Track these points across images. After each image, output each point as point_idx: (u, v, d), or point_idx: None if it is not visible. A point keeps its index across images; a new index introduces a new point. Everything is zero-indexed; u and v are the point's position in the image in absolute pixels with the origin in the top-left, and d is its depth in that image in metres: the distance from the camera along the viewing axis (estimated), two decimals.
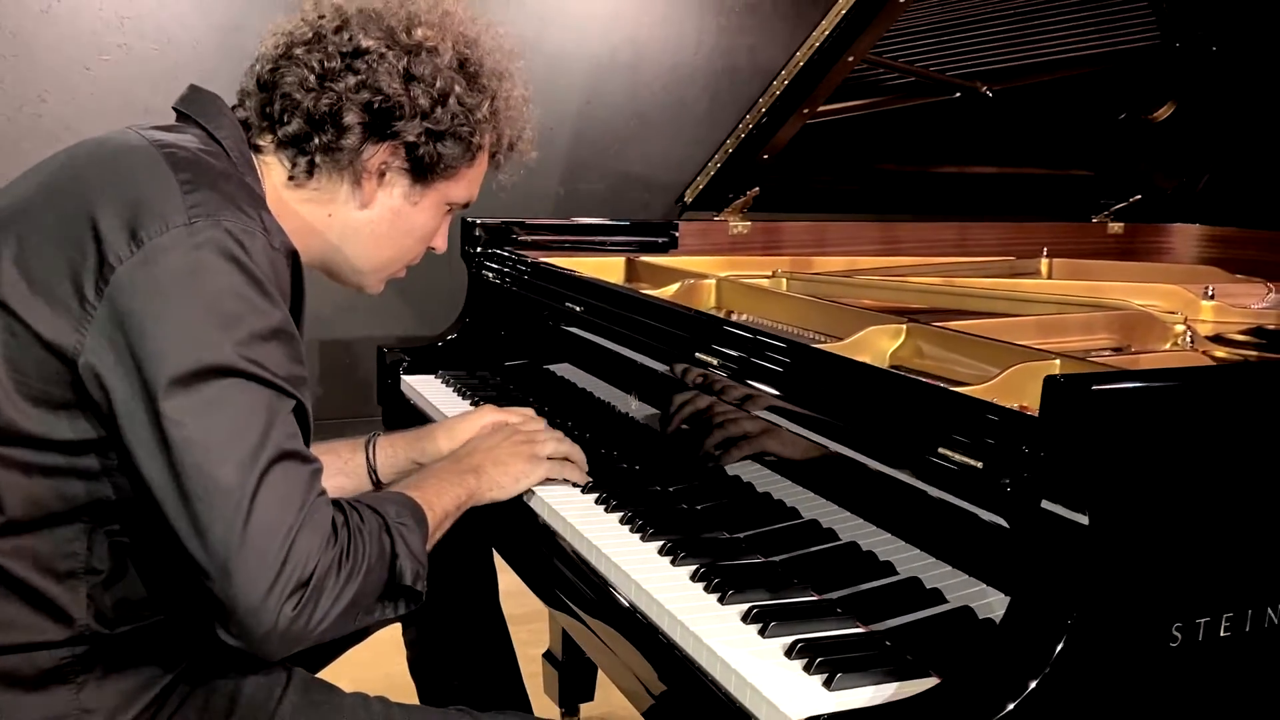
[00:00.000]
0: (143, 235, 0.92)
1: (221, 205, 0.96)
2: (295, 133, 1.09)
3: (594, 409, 1.58)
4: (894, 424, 0.99)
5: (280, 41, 1.11)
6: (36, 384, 0.93)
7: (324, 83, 1.08)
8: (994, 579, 0.89)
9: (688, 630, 0.97)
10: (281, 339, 0.95)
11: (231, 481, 0.88)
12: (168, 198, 0.95)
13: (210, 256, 0.93)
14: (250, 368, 0.91)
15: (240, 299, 0.93)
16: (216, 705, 1.01)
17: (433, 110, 1.11)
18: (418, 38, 1.11)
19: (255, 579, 0.87)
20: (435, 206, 1.19)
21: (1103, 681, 0.78)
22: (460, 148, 1.14)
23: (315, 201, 1.13)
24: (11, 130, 2.83)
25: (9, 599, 0.95)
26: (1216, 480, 0.81)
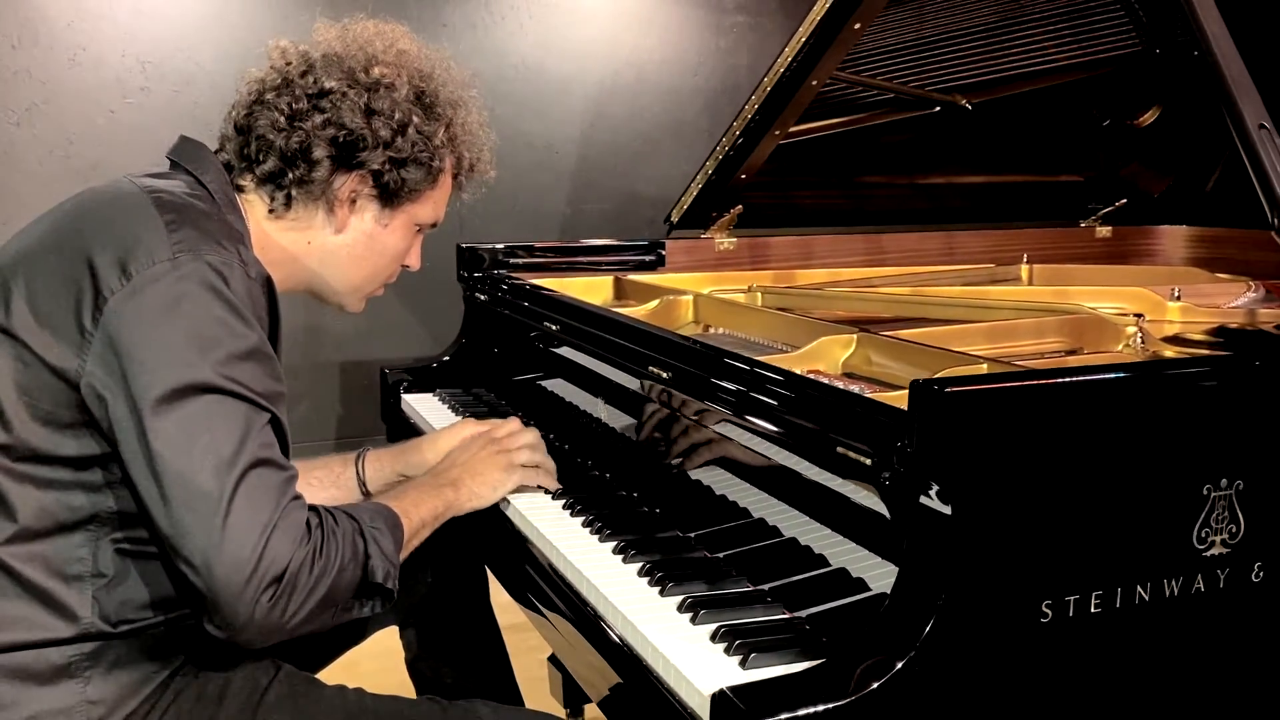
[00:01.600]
0: (132, 269, 1.03)
1: (202, 241, 1.07)
2: (271, 170, 1.20)
3: (574, 422, 1.68)
4: (810, 425, 1.08)
5: (253, 89, 1.23)
6: (45, 406, 1.05)
7: (293, 123, 1.19)
8: None
9: (627, 620, 1.06)
10: (257, 359, 1.06)
11: (210, 486, 0.98)
12: (154, 236, 1.06)
13: (192, 287, 1.04)
14: (228, 385, 1.02)
15: (219, 323, 1.04)
16: (209, 695, 1.12)
17: (393, 140, 1.22)
18: (375, 75, 1.22)
19: (233, 575, 0.97)
20: (405, 227, 1.30)
21: (980, 655, 0.86)
22: (422, 172, 1.25)
23: (295, 230, 1.24)
24: (43, 172, 2.99)
25: (23, 600, 1.05)
26: (1076, 471, 0.89)
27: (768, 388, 1.16)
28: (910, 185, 2.59)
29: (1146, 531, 0.92)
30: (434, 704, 1.19)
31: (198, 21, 3.09)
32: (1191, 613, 0.95)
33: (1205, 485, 0.94)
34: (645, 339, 1.44)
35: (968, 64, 2.35)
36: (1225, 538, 0.95)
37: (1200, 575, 0.95)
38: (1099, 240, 2.74)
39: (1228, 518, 0.95)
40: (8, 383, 1.05)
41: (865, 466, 0.94)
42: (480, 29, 3.41)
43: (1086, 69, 2.39)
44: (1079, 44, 2.38)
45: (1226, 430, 0.96)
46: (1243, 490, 0.95)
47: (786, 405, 1.12)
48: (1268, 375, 1.00)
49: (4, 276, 1.08)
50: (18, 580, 1.06)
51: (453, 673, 1.62)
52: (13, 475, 1.05)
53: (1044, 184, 2.69)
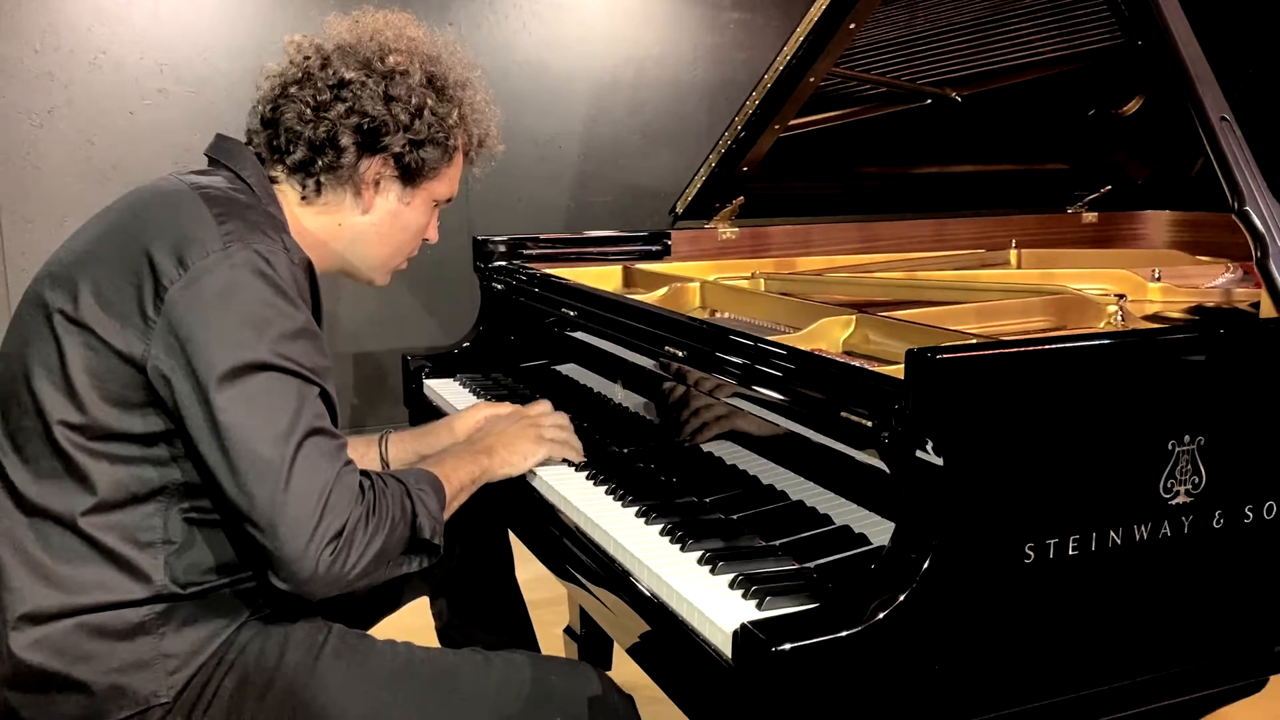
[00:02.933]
0: (188, 260, 1.13)
1: (249, 231, 1.17)
2: (301, 159, 1.30)
3: (591, 401, 1.79)
4: (817, 394, 1.19)
5: (275, 84, 1.31)
6: (114, 389, 1.15)
7: (318, 114, 1.28)
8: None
9: (653, 573, 1.17)
10: (306, 337, 1.16)
11: (271, 455, 1.09)
12: (205, 229, 1.16)
13: (243, 274, 1.14)
14: (281, 362, 1.12)
15: (270, 306, 1.14)
16: (271, 650, 1.23)
17: (412, 123, 1.31)
18: (390, 64, 1.31)
19: (297, 533, 1.08)
20: (425, 204, 1.40)
21: (970, 590, 0.98)
22: (439, 151, 1.35)
23: (326, 214, 1.34)
24: (65, 171, 3.09)
25: (102, 565, 1.16)
26: (1053, 428, 1.00)
27: (776, 363, 1.27)
28: (904, 175, 2.69)
29: (1118, 483, 1.03)
30: (477, 654, 1.30)
31: (212, 25, 3.19)
32: (1159, 555, 1.06)
33: (1170, 441, 1.05)
34: (661, 321, 1.54)
35: (958, 58, 2.44)
36: (1189, 488, 1.07)
37: (1166, 522, 1.06)
38: (1085, 225, 2.84)
39: (1191, 470, 1.06)
40: (80, 368, 1.14)
41: (866, 429, 1.05)
42: (485, 28, 3.52)
43: (1071, 61, 2.48)
44: (1064, 38, 2.46)
45: (1189, 392, 1.07)
46: (1204, 445, 1.07)
47: (795, 378, 1.23)
48: (1226, 344, 1.12)
49: (70, 273, 1.18)
50: (97, 547, 1.16)
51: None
52: (89, 453, 1.15)
53: (1032, 172, 2.79)
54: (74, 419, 1.14)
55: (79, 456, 1.15)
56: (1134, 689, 1.08)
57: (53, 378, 1.15)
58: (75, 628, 1.15)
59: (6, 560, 1.17)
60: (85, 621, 1.16)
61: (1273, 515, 1.12)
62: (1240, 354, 1.11)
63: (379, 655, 1.26)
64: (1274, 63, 2.41)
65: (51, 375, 1.15)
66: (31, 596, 1.16)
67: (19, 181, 3.05)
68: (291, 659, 1.22)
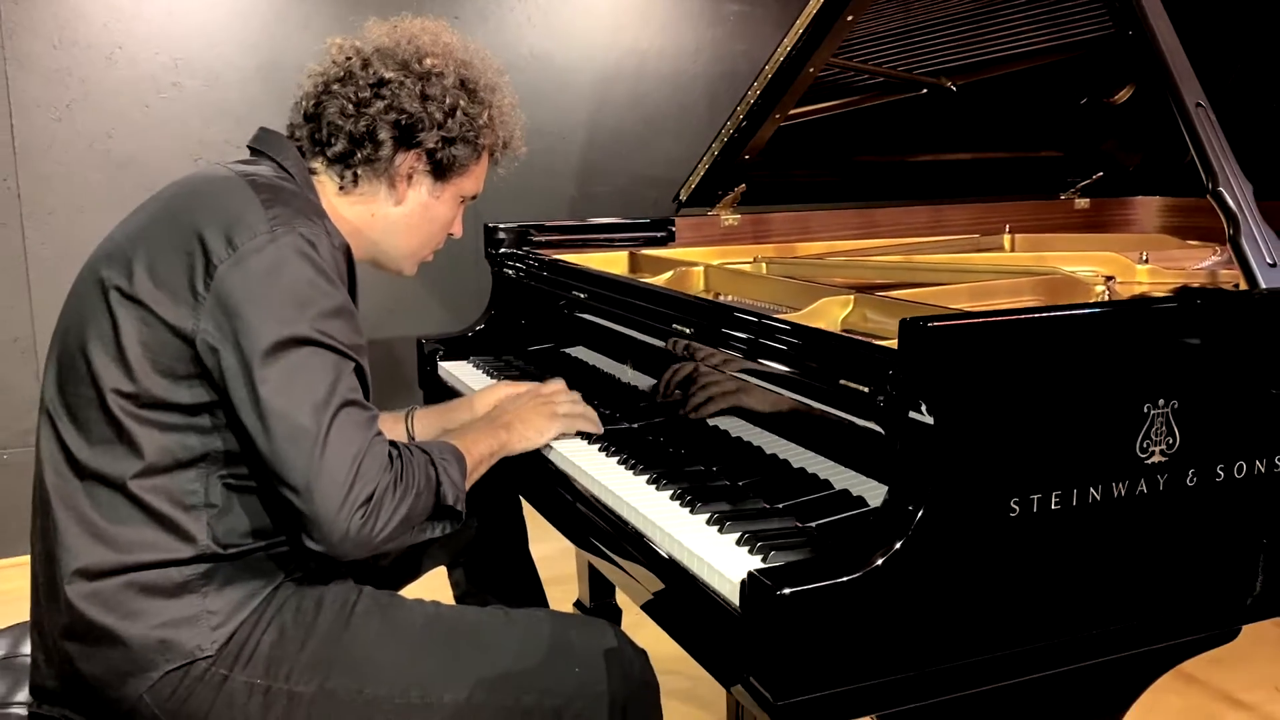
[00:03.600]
0: (237, 241, 1.22)
1: (294, 216, 1.25)
2: (341, 151, 1.39)
3: (600, 381, 1.86)
4: (815, 366, 1.27)
5: (318, 82, 1.41)
6: (164, 360, 1.23)
7: (359, 109, 1.37)
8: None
9: (665, 532, 1.25)
10: (344, 315, 1.24)
11: (310, 423, 1.17)
12: (253, 212, 1.24)
13: (289, 254, 1.22)
14: (321, 338, 1.20)
15: (312, 285, 1.22)
16: (307, 608, 1.31)
17: (445, 121, 1.40)
18: (427, 66, 1.40)
19: (330, 496, 1.16)
20: (452, 199, 1.48)
21: (960, 542, 1.06)
22: (468, 149, 1.44)
23: (361, 204, 1.43)
24: (83, 164, 3.16)
25: (150, 525, 1.24)
26: (1036, 391, 1.08)
27: (779, 337, 1.35)
28: (901, 163, 2.76)
29: (1096, 443, 1.11)
30: (500, 610, 1.38)
31: (225, 20, 3.26)
32: (1136, 511, 1.14)
33: (1145, 404, 1.13)
34: (669, 301, 1.62)
35: (952, 49, 2.50)
36: (1163, 448, 1.15)
37: (1143, 480, 1.14)
38: (1078, 211, 2.92)
39: (1165, 432, 1.14)
40: (133, 340, 1.22)
41: (863, 394, 1.13)
42: (491, 21, 3.58)
43: (1063, 51, 2.55)
44: (1056, 28, 2.53)
45: (1162, 359, 1.15)
46: (1177, 409, 1.15)
47: (796, 351, 1.31)
48: (1197, 314, 1.20)
49: (125, 252, 1.26)
50: (145, 509, 1.24)
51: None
52: (138, 419, 1.23)
53: (1026, 159, 2.86)
54: (126, 388, 1.22)
55: (129, 423, 1.23)
56: (1114, 635, 1.16)
57: (107, 349, 1.23)
58: (124, 585, 1.23)
59: (61, 519, 1.25)
60: (134, 579, 1.24)
61: (1243, 475, 1.20)
62: (1211, 324, 1.19)
63: (408, 611, 1.34)
64: (1262, 59, 2.48)
65: (106, 346, 1.23)
66: (84, 553, 1.23)
67: (40, 173, 3.13)
68: (326, 616, 1.30)
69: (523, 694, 1.29)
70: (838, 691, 1.02)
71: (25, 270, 3.16)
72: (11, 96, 3.04)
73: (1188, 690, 2.46)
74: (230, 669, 1.25)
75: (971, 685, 1.09)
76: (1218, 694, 2.44)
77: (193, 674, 1.24)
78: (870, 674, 1.03)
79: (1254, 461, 1.21)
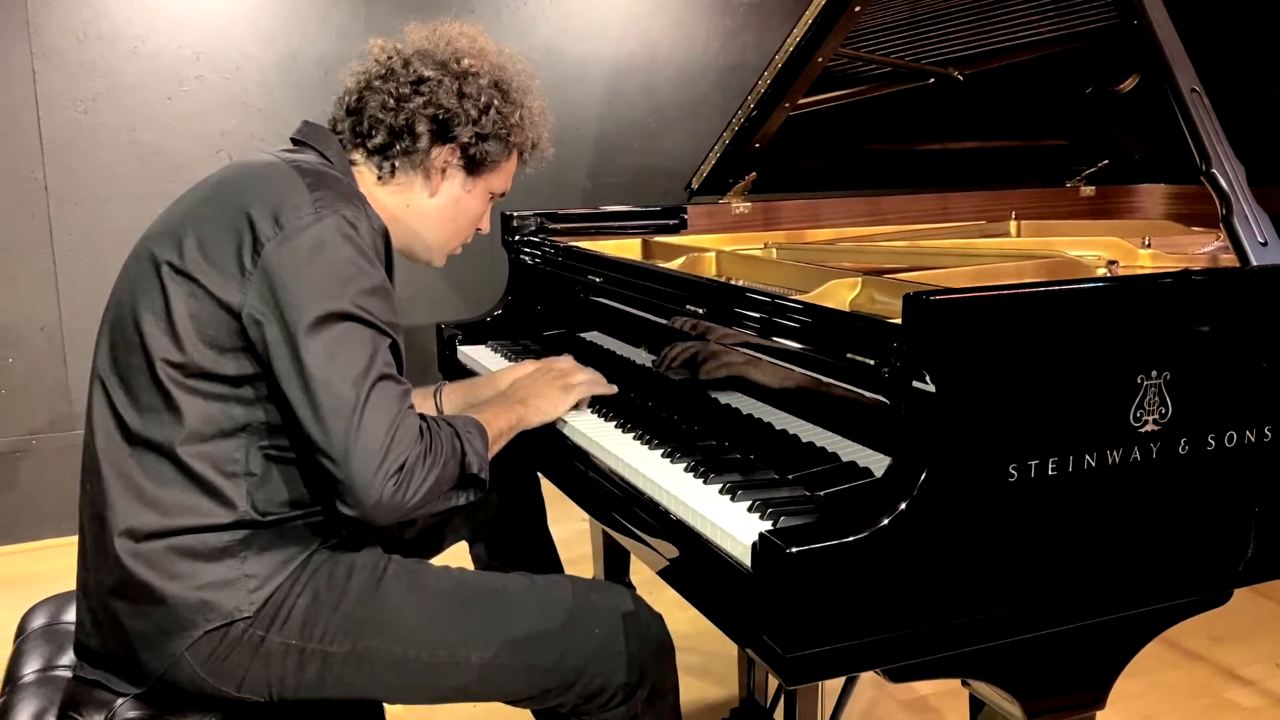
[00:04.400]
0: (283, 221, 1.28)
1: (337, 200, 1.32)
2: (381, 143, 1.46)
3: (614, 362, 1.92)
4: (824, 342, 1.32)
5: (361, 79, 1.48)
6: (211, 332, 1.29)
7: (399, 104, 1.44)
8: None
9: (678, 500, 1.31)
10: (381, 294, 1.31)
11: (348, 394, 1.23)
12: (299, 195, 1.31)
13: (332, 234, 1.29)
14: (361, 314, 1.27)
15: (353, 265, 1.29)
16: (340, 573, 1.37)
17: (479, 119, 1.47)
18: (464, 66, 1.47)
19: (366, 464, 1.23)
20: (483, 194, 1.55)
21: (961, 505, 1.11)
22: (500, 146, 1.50)
23: (397, 194, 1.49)
24: (108, 155, 3.24)
25: (194, 491, 1.30)
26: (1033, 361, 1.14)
27: (790, 316, 1.41)
28: (908, 151, 2.80)
29: (1091, 412, 1.17)
30: (523, 576, 1.45)
31: (246, 14, 3.32)
32: (1130, 478, 1.20)
33: (1139, 375, 1.18)
34: (683, 284, 1.68)
35: (959, 39, 2.54)
36: (1156, 418, 1.20)
37: (1136, 448, 1.19)
38: (1083, 199, 2.96)
39: (1158, 402, 1.20)
40: (182, 313, 1.29)
41: (869, 367, 1.19)
42: (505, 14, 3.64)
43: (1069, 41, 2.60)
44: (1061, 18, 2.58)
45: (1156, 332, 1.21)
46: (1170, 380, 1.20)
47: (805, 329, 1.37)
48: (1188, 290, 1.25)
49: (177, 230, 1.33)
50: (190, 475, 1.30)
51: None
52: (185, 388, 1.30)
53: (1032, 148, 2.90)
54: (175, 357, 1.29)
55: (176, 391, 1.29)
56: (1109, 597, 1.22)
57: (158, 321, 1.29)
58: (168, 548, 1.30)
59: (110, 482, 1.31)
60: (176, 543, 1.30)
61: (1234, 444, 1.25)
62: (1202, 300, 1.24)
63: (435, 577, 1.41)
64: (1265, 51, 2.52)
65: (157, 318, 1.29)
66: (131, 515, 1.30)
67: (66, 164, 3.20)
68: (358, 580, 1.37)
69: (545, 654, 1.36)
70: (843, 646, 1.08)
71: (52, 260, 3.23)
72: (39, 90, 3.12)
73: (1190, 666, 2.51)
74: (267, 630, 1.32)
75: (970, 643, 1.15)
76: (1219, 669, 2.50)
77: (231, 634, 1.31)
78: (874, 630, 1.09)
79: (1244, 432, 1.26)
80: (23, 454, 3.30)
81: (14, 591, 3.03)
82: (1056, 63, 2.63)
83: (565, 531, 2.07)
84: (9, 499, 3.32)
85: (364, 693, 1.37)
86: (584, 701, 1.38)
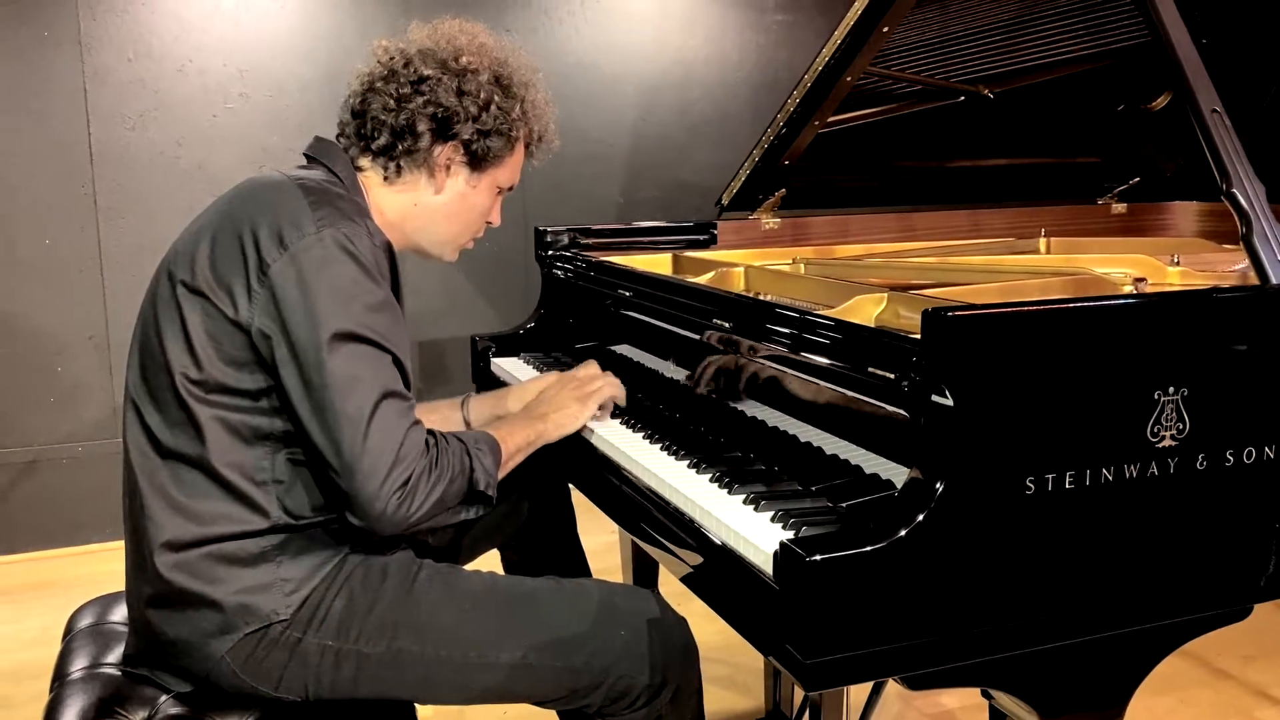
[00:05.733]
0: (287, 241, 1.32)
1: (339, 217, 1.36)
2: (384, 144, 1.49)
3: (644, 375, 1.96)
4: (847, 357, 1.35)
5: (364, 80, 1.52)
6: (227, 349, 1.34)
7: (401, 104, 1.48)
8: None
9: (703, 509, 1.34)
10: (385, 310, 1.35)
11: (354, 411, 1.27)
12: (302, 214, 1.35)
13: (334, 252, 1.32)
14: (363, 331, 1.31)
15: (355, 283, 1.32)
16: (373, 575, 1.42)
17: (480, 115, 1.50)
18: (463, 63, 1.50)
19: (370, 478, 1.27)
20: (489, 189, 1.59)
21: (978, 517, 1.14)
22: (502, 141, 1.53)
23: (404, 193, 1.53)
24: (154, 171, 3.33)
25: (227, 500, 1.35)
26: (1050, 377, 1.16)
27: (816, 331, 1.44)
28: (938, 169, 2.82)
29: (1108, 427, 1.19)
30: (552, 580, 1.48)
31: (289, 33, 3.41)
32: (1147, 492, 1.22)
33: (1156, 391, 1.20)
34: (713, 298, 1.72)
35: (989, 57, 2.56)
36: (1174, 434, 1.22)
37: (1154, 463, 1.21)
38: (1114, 216, 2.95)
39: (1175, 418, 1.21)
40: (198, 330, 1.34)
41: (890, 380, 1.22)
42: (541, 33, 3.71)
43: (1100, 59, 2.60)
44: (1092, 36, 2.58)
45: (1172, 348, 1.22)
46: (1187, 396, 1.22)
47: (829, 344, 1.40)
48: (1206, 307, 1.27)
49: (190, 249, 1.38)
50: (222, 485, 1.35)
51: None
52: (206, 403, 1.34)
53: (1063, 165, 2.90)
54: (194, 374, 1.34)
55: (198, 407, 1.34)
56: (1126, 610, 1.23)
57: (177, 338, 1.34)
58: (206, 555, 1.35)
59: (148, 496, 1.37)
60: (214, 550, 1.35)
61: (1252, 460, 1.27)
62: (1220, 316, 1.26)
63: (466, 579, 1.45)
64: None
65: (176, 336, 1.34)
66: (169, 527, 1.35)
67: (115, 180, 3.29)
68: (391, 582, 1.41)
69: (572, 655, 1.39)
70: (861, 653, 1.11)
71: (100, 272, 3.33)
72: (89, 107, 3.22)
73: (1221, 684, 2.50)
74: (304, 631, 1.36)
75: (987, 652, 1.17)
76: (1250, 688, 2.48)
77: (269, 636, 1.35)
78: (892, 638, 1.12)
79: (1264, 448, 1.27)
80: (69, 460, 3.39)
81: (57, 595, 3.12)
82: (1088, 80, 2.63)
83: (595, 543, 2.10)
84: (55, 504, 3.41)
85: (396, 692, 1.41)
86: (610, 702, 1.41)
